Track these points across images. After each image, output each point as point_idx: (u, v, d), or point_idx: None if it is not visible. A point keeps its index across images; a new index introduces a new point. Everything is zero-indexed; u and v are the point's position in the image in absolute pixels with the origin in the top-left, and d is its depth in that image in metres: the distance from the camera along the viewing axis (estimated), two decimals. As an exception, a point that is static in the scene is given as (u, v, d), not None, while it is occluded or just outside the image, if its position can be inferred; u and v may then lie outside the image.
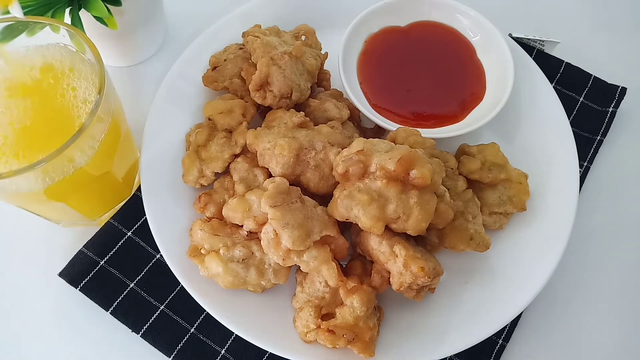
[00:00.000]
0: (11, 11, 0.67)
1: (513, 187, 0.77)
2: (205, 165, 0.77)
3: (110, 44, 0.90)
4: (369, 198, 0.61)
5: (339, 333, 0.65)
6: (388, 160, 0.61)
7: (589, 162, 0.89)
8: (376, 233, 0.62)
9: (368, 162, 0.62)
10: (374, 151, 0.63)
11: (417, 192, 0.61)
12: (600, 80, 0.96)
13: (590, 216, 0.85)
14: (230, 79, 0.83)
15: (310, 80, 0.82)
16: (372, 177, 0.61)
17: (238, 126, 0.79)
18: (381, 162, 0.61)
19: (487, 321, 0.71)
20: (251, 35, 0.82)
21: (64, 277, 0.76)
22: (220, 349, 0.73)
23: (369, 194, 0.61)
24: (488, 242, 0.73)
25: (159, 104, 0.83)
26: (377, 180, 0.61)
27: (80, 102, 0.65)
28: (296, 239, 0.64)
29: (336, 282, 0.66)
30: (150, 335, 0.74)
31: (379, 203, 0.61)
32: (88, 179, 0.70)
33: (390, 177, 0.61)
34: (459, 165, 0.77)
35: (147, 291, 0.76)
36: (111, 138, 0.70)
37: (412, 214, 0.61)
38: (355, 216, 0.62)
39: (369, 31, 0.90)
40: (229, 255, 0.69)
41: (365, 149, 0.62)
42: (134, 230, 0.80)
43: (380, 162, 0.61)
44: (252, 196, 0.69)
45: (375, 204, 0.60)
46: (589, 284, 0.81)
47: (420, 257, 0.65)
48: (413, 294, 0.67)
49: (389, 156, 0.61)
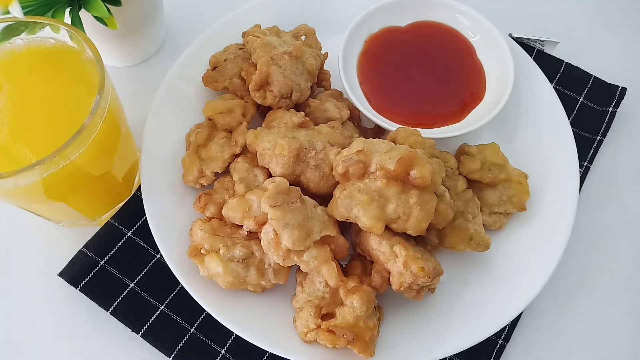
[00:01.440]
0: (11, 11, 0.67)
1: (513, 187, 0.77)
2: (205, 165, 0.77)
3: (110, 44, 0.90)
4: (369, 198, 0.61)
5: (339, 333, 0.65)
6: (388, 160, 0.61)
7: (589, 162, 0.89)
8: (376, 233, 0.62)
9: (368, 162, 0.62)
10: (373, 151, 0.63)
11: (417, 192, 0.61)
12: (600, 80, 0.96)
13: (590, 216, 0.85)
14: (230, 79, 0.83)
15: (310, 80, 0.82)
16: (372, 177, 0.61)
17: (238, 126, 0.79)
18: (381, 162, 0.61)
19: (487, 321, 0.71)
20: (251, 35, 0.82)
21: (64, 277, 0.76)
22: (220, 349, 0.73)
23: (369, 194, 0.61)
24: (488, 242, 0.73)
25: (159, 104, 0.83)
26: (377, 180, 0.61)
27: (80, 102, 0.65)
28: (296, 239, 0.64)
29: (336, 282, 0.66)
30: (150, 335, 0.74)
31: (379, 203, 0.61)
32: (88, 179, 0.70)
33: (390, 177, 0.61)
34: (459, 165, 0.77)
35: (147, 291, 0.76)
36: (111, 138, 0.70)
37: (412, 214, 0.61)
38: (355, 216, 0.62)
39: (369, 31, 0.90)
40: (229, 255, 0.69)
41: (365, 149, 0.62)
42: (134, 230, 0.80)
43: (380, 162, 0.61)
44: (252, 196, 0.69)
45: (375, 204, 0.60)
46: (589, 284, 0.81)
47: (420, 257, 0.65)
48: (413, 294, 0.67)
49: (389, 156, 0.61)
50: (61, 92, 0.68)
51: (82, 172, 0.67)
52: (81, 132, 0.60)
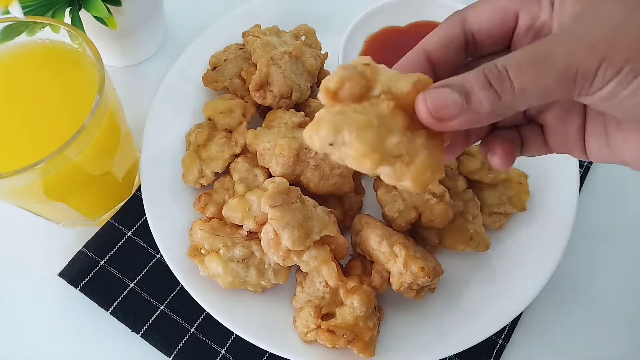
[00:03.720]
0: (11, 11, 0.67)
1: (513, 187, 0.77)
2: (205, 165, 0.77)
3: (110, 44, 0.90)
4: (367, 121, 0.45)
5: (339, 333, 0.65)
6: (400, 82, 0.47)
7: (589, 162, 0.89)
8: (366, 168, 0.46)
9: (373, 80, 0.47)
10: (380, 72, 0.48)
11: (426, 134, 0.47)
12: (600, 80, 0.95)
13: (590, 216, 0.85)
14: (230, 79, 0.83)
15: (310, 80, 0.82)
16: (375, 101, 0.46)
17: (238, 126, 0.79)
18: (390, 83, 0.47)
19: (487, 321, 0.71)
20: (251, 35, 0.82)
21: (64, 277, 0.76)
22: (220, 349, 0.73)
23: (368, 116, 0.45)
24: (488, 242, 0.73)
25: (159, 104, 0.83)
26: (380, 104, 0.46)
27: (80, 102, 0.65)
28: (296, 239, 0.64)
29: (336, 282, 0.66)
30: (150, 335, 0.74)
31: (378, 131, 0.45)
32: (88, 179, 0.70)
33: (399, 105, 0.47)
34: (459, 165, 0.77)
35: (147, 291, 0.76)
36: (111, 138, 0.70)
37: (417, 155, 0.47)
38: (344, 142, 0.45)
39: (369, 31, 0.90)
40: (229, 255, 0.69)
41: (373, 65, 0.47)
42: (134, 230, 0.80)
43: (388, 84, 0.47)
44: (252, 196, 0.69)
45: (374, 130, 0.45)
46: (589, 284, 0.81)
47: (420, 257, 0.65)
48: (413, 294, 0.67)
49: (402, 78, 0.47)
50: (61, 92, 0.68)
51: (82, 172, 0.67)
52: (81, 132, 0.60)
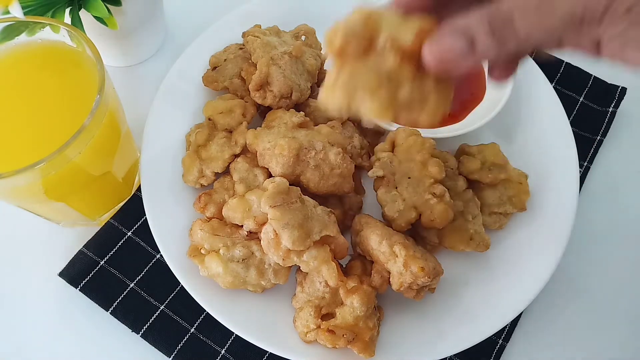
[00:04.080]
0: (11, 11, 0.67)
1: (513, 187, 0.77)
2: (205, 165, 0.77)
3: (110, 44, 0.90)
4: (377, 80, 0.49)
5: (339, 333, 0.65)
6: (404, 30, 0.48)
7: (589, 162, 0.89)
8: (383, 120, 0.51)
9: (377, 30, 0.48)
10: (382, 21, 0.50)
11: (434, 78, 0.51)
12: (600, 80, 0.96)
13: (590, 216, 0.85)
14: (230, 79, 0.83)
15: (310, 80, 0.82)
16: (380, 54, 0.49)
17: (238, 126, 0.79)
18: (394, 33, 0.49)
19: (487, 321, 0.71)
20: (251, 35, 0.82)
21: (64, 277, 0.76)
22: (220, 349, 0.73)
23: (377, 74, 0.49)
24: (488, 242, 0.73)
25: (159, 104, 0.83)
26: (387, 58, 0.49)
27: (80, 102, 0.65)
28: (296, 239, 0.64)
29: (336, 282, 0.66)
30: (150, 335, 0.74)
31: (388, 88, 0.49)
32: (88, 179, 0.70)
33: (405, 55, 0.49)
34: (459, 165, 0.77)
35: (147, 291, 0.76)
36: (111, 138, 0.70)
37: (428, 99, 0.50)
38: (359, 102, 0.50)
39: (369, 31, 0.90)
40: (229, 255, 0.69)
41: (373, 16, 0.49)
42: (134, 230, 0.80)
43: (392, 31, 0.49)
44: (252, 196, 0.69)
45: (385, 88, 0.49)
46: (589, 284, 0.81)
47: (420, 257, 0.65)
48: (413, 294, 0.67)
49: (405, 27, 0.49)
50: (61, 92, 0.68)
51: (82, 172, 0.67)
52: (81, 132, 0.60)
